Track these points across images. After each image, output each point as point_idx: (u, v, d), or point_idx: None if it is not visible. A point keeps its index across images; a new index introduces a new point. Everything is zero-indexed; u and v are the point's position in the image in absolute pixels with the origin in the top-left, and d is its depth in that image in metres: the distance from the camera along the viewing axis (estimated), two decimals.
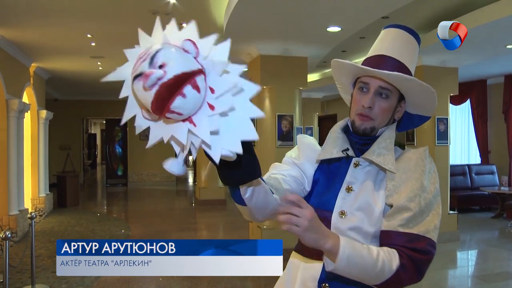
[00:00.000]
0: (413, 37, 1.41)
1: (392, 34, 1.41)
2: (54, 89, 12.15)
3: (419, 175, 1.28)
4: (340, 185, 1.37)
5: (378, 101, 1.34)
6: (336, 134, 1.44)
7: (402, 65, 1.35)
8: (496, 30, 4.94)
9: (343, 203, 1.34)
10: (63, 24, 5.77)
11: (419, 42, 1.43)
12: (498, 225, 8.27)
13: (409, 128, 1.51)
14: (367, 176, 1.36)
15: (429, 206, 1.26)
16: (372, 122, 1.35)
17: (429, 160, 1.33)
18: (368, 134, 1.36)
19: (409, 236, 1.22)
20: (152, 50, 0.86)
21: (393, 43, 1.39)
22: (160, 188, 14.35)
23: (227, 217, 9.43)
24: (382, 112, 1.35)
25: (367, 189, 1.33)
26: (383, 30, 1.46)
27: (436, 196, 1.29)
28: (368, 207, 1.30)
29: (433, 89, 1.33)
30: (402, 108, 1.41)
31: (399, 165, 1.31)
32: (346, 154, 1.38)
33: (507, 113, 9.26)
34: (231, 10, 4.36)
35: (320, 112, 12.61)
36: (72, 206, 10.35)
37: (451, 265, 6.06)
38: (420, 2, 4.46)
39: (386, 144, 1.34)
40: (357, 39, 6.23)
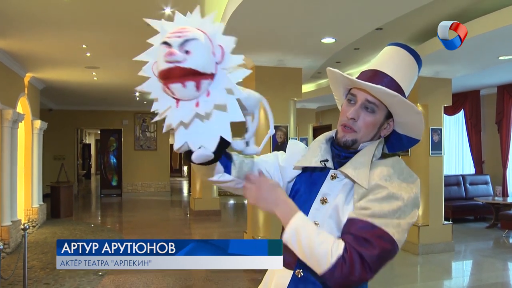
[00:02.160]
0: (414, 59, 1.40)
1: (392, 52, 1.42)
2: (48, 99, 12.12)
3: (383, 184, 1.25)
4: (315, 195, 1.38)
5: (363, 115, 1.34)
6: (319, 144, 1.44)
7: (394, 82, 1.35)
8: (489, 41, 4.99)
9: (316, 214, 1.35)
10: (58, 35, 5.78)
11: (419, 64, 1.42)
12: (493, 235, 8.28)
13: (400, 149, 1.48)
14: (342, 189, 1.35)
15: (397, 212, 1.22)
16: (354, 135, 1.35)
17: (402, 171, 1.29)
18: (349, 146, 1.36)
19: (364, 223, 1.20)
20: (189, 34, 1.01)
21: (390, 60, 1.39)
22: (155, 198, 14.29)
23: (222, 228, 9.41)
24: (366, 125, 1.34)
25: (340, 202, 1.32)
26: (385, 47, 1.46)
27: (411, 205, 1.25)
28: (338, 218, 1.30)
29: (418, 110, 1.32)
30: (390, 126, 1.40)
31: (370, 177, 1.28)
32: (324, 165, 1.38)
33: (500, 124, 9.32)
34: (226, 21, 4.38)
35: (315, 123, 12.63)
36: (65, 217, 10.28)
37: (446, 275, 6.05)
38: (414, 14, 4.50)
39: (364, 159, 1.32)
40: (352, 50, 6.27)
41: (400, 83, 1.35)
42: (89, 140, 24.83)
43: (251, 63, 6.00)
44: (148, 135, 15.48)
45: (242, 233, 6.73)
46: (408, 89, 1.39)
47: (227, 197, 14.30)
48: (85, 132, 22.22)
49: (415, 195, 1.26)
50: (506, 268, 6.41)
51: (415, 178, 1.31)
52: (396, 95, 1.28)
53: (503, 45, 5.21)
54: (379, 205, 1.21)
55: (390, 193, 1.23)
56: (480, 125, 9.95)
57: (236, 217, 11.22)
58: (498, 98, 9.36)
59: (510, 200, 8.79)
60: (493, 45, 5.20)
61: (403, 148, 1.47)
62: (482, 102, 9.96)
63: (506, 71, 7.58)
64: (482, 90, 9.82)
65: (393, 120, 1.39)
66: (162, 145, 15.65)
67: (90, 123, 15.39)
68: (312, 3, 3.82)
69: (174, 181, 20.07)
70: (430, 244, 6.74)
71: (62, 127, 14.16)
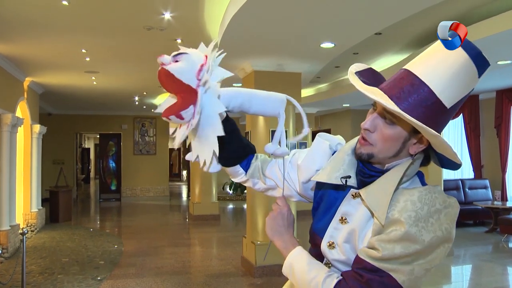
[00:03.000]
0: (474, 64, 1.06)
1: (437, 50, 1.07)
2: (48, 103, 12.13)
3: (404, 221, 1.05)
4: (335, 212, 1.25)
5: (381, 126, 1.12)
6: (344, 156, 1.25)
7: (433, 97, 1.05)
8: (487, 46, 5.00)
9: (333, 234, 1.22)
10: (57, 39, 5.79)
11: (480, 63, 1.07)
12: (492, 239, 8.28)
13: (449, 168, 1.18)
14: (364, 211, 1.18)
15: (410, 256, 1.05)
16: (370, 148, 1.15)
17: (434, 203, 1.08)
18: (366, 160, 1.18)
19: (371, 267, 1.07)
20: (186, 50, 1.18)
21: (438, 63, 1.06)
22: (154, 203, 14.27)
23: (221, 232, 9.39)
24: (383, 139, 1.12)
25: (358, 226, 1.18)
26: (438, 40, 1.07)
27: (433, 246, 1.07)
28: (354, 244, 1.18)
29: (433, 132, 1.03)
30: (424, 143, 1.12)
31: (389, 209, 1.10)
32: (345, 182, 1.21)
33: (499, 128, 9.33)
34: (225, 26, 4.39)
35: (314, 127, 12.66)
36: (64, 221, 10.26)
37: (446, 280, 6.04)
38: (413, 19, 4.51)
39: (388, 186, 1.12)
40: (351, 55, 6.28)
41: (441, 98, 1.05)
42: (88, 145, 24.83)
43: (250, 67, 6.01)
44: (147, 139, 15.48)
45: (241, 238, 6.72)
46: (452, 100, 1.07)
47: (226, 201, 14.29)
48: (84, 136, 22.22)
49: (444, 232, 1.07)
50: (505, 272, 6.40)
51: (451, 207, 1.10)
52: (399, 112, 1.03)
53: (501, 50, 5.23)
54: (391, 247, 1.05)
55: (407, 234, 1.04)
56: (479, 129, 9.97)
57: (235, 221, 11.20)
58: (496, 102, 9.38)
59: (509, 205, 8.77)
60: (492, 50, 5.22)
61: (452, 167, 1.17)
62: (481, 106, 9.98)
63: (505, 76, 7.60)
64: (481, 94, 9.84)
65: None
66: (161, 149, 15.65)
67: (89, 128, 15.39)
68: (311, 8, 3.84)
69: (173, 185, 20.04)
70: None
71: (61, 132, 14.17)
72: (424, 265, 1.06)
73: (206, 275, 5.91)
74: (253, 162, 1.46)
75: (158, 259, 6.76)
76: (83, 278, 5.68)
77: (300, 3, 3.72)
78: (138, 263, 6.49)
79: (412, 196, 1.08)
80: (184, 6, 4.58)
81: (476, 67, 1.06)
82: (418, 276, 1.06)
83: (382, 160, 1.16)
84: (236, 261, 6.59)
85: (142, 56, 6.54)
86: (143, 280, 5.67)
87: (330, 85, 9.20)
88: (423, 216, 1.06)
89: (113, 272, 6.03)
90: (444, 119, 1.10)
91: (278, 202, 1.38)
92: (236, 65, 6.07)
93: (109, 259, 6.72)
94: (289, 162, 1.43)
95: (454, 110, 1.09)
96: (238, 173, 1.45)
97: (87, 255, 7.00)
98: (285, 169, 1.41)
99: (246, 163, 1.45)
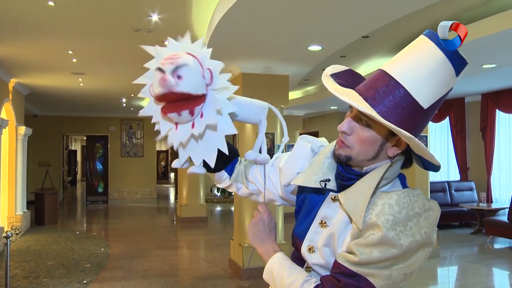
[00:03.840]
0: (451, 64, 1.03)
1: (421, 50, 1.05)
2: (33, 105, 12.00)
3: (381, 225, 1.04)
4: (315, 216, 1.24)
5: (358, 128, 1.11)
6: (323, 158, 1.24)
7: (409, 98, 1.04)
8: (473, 50, 5.06)
9: (313, 237, 1.21)
10: (44, 40, 5.73)
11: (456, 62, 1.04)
12: (477, 241, 8.36)
13: (431, 169, 1.17)
14: (343, 215, 1.16)
15: (388, 261, 1.04)
16: (348, 151, 1.14)
17: (412, 206, 1.06)
18: (344, 162, 1.16)
19: (349, 272, 1.06)
20: (180, 60, 1.10)
21: (413, 62, 1.05)
22: (141, 205, 14.18)
23: (208, 235, 9.36)
24: (360, 142, 1.11)
25: (337, 229, 1.16)
26: (418, 37, 1.09)
27: (412, 251, 1.05)
28: (333, 248, 1.17)
29: (406, 134, 1.01)
30: (401, 143, 1.10)
31: (366, 212, 1.09)
32: (324, 186, 1.20)
33: (485, 131, 9.45)
34: (213, 28, 4.38)
35: (302, 130, 12.68)
36: (50, 224, 10.14)
37: (432, 281, 6.09)
38: (400, 23, 4.55)
39: (366, 190, 1.10)
40: (338, 57, 6.31)
41: (417, 99, 1.04)
42: (75, 147, 24.62)
43: (237, 70, 6.00)
44: (134, 141, 15.39)
45: (228, 240, 6.70)
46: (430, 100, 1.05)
47: (214, 204, 14.25)
48: (71, 138, 22.03)
49: (423, 236, 1.05)
50: (490, 273, 6.46)
51: (431, 210, 1.08)
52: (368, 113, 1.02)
53: (486, 53, 5.29)
54: (368, 251, 1.03)
55: (384, 238, 1.02)
56: (465, 132, 10.08)
57: (223, 223, 11.17)
58: (482, 105, 9.49)
59: (494, 206, 8.90)
60: (477, 54, 5.28)
61: (433, 168, 1.16)
62: (466, 109, 10.10)
63: (490, 79, 7.70)
64: (466, 97, 9.96)
65: None
66: (148, 151, 15.56)
67: (76, 129, 15.26)
68: (299, 11, 3.85)
69: (161, 187, 19.94)
70: None
71: (47, 133, 14.02)
72: (402, 270, 1.05)
73: (194, 278, 5.88)
74: (237, 167, 1.45)
75: (145, 262, 6.71)
76: (69, 282, 5.62)
77: (287, 6, 3.72)
78: (125, 266, 6.44)
79: (390, 200, 1.07)
80: (171, 8, 4.57)
81: (453, 66, 1.04)
82: (397, 281, 1.05)
83: (361, 163, 1.15)
84: (223, 263, 6.58)
85: (130, 58, 6.50)
86: (130, 283, 5.62)
87: (318, 88, 9.24)
88: (401, 220, 1.04)
89: (100, 275, 5.98)
90: (422, 120, 1.08)
91: (259, 208, 1.38)
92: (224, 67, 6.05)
93: (96, 262, 6.66)
94: (272, 165, 1.42)
95: (432, 110, 1.08)
96: (223, 178, 1.44)
97: (73, 258, 6.93)
98: (266, 176, 1.41)
99: (230, 168, 1.44)
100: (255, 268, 5.70)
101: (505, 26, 4.33)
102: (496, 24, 4.38)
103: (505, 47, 4.99)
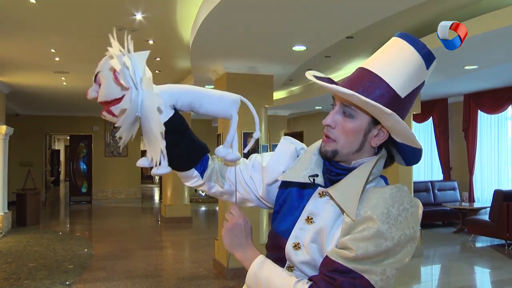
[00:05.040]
0: (417, 51, 1.14)
1: (396, 48, 1.16)
2: (15, 103, 11.80)
3: (376, 218, 1.07)
4: (301, 212, 1.24)
5: (341, 121, 1.15)
6: (310, 155, 1.26)
7: (391, 91, 1.12)
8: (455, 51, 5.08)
9: (299, 234, 1.21)
10: (25, 38, 5.65)
11: (426, 57, 1.15)
12: (460, 239, 8.47)
13: (413, 161, 1.24)
14: (331, 211, 1.18)
15: (382, 254, 1.06)
16: (334, 145, 1.17)
17: (402, 201, 1.10)
18: (331, 158, 1.18)
19: (346, 269, 1.06)
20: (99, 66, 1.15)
21: (391, 59, 1.15)
22: (126, 205, 14.08)
23: (193, 235, 9.33)
24: (345, 133, 1.15)
25: (326, 225, 1.17)
26: (391, 39, 1.20)
27: (402, 244, 1.08)
28: (321, 244, 1.17)
29: (387, 110, 1.07)
30: (384, 133, 1.16)
31: (358, 206, 1.11)
32: (312, 181, 1.22)
33: (467, 131, 9.57)
34: (197, 27, 4.36)
35: (287, 130, 12.71)
36: (32, 225, 10.00)
37: (415, 280, 6.15)
38: (384, 23, 4.58)
39: (356, 182, 1.14)
40: (323, 58, 6.35)
41: (397, 91, 1.13)
42: (58, 146, 24.34)
43: (222, 70, 5.99)
44: (118, 141, 15.21)
45: (213, 240, 6.68)
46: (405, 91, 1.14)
47: (199, 204, 14.21)
48: (54, 138, 21.76)
49: (411, 231, 1.09)
50: (472, 271, 6.56)
51: (416, 206, 1.13)
52: (352, 94, 1.08)
53: (468, 55, 5.36)
54: (364, 246, 1.05)
55: (379, 231, 1.05)
56: (448, 132, 10.20)
57: (207, 223, 11.15)
58: (464, 106, 9.62)
59: (476, 206, 9.02)
60: (459, 55, 5.34)
61: (415, 159, 1.23)
62: (449, 110, 10.22)
63: (472, 80, 7.80)
64: (449, 98, 10.07)
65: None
66: (133, 151, 15.43)
67: (59, 129, 15.09)
68: (283, 11, 3.85)
69: (145, 187, 19.81)
70: None
71: (29, 133, 13.82)
72: (394, 264, 1.07)
73: (178, 278, 5.85)
74: (210, 165, 1.38)
75: (129, 263, 6.66)
76: (51, 283, 5.54)
77: (272, 6, 3.72)
78: (108, 267, 6.38)
79: (385, 194, 1.10)
80: (156, 7, 4.54)
81: (424, 61, 1.14)
82: (390, 276, 1.07)
83: (347, 157, 1.18)
84: (208, 264, 6.55)
85: None
86: (114, 284, 5.57)
87: (303, 88, 9.26)
88: (393, 214, 1.08)
89: (83, 276, 5.91)
90: (400, 109, 1.14)
91: (232, 212, 1.30)
92: (208, 67, 6.04)
93: (79, 263, 6.58)
94: (252, 166, 1.39)
95: (408, 100, 1.16)
96: (193, 176, 1.36)
97: (56, 259, 6.84)
98: (237, 176, 1.38)
99: (201, 165, 1.36)
100: (239, 268, 5.67)
101: (487, 28, 4.38)
102: (478, 26, 4.43)
103: (487, 48, 5.06)
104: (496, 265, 6.62)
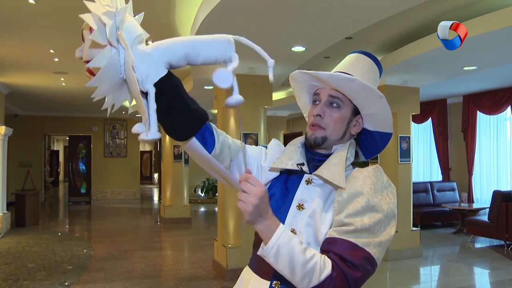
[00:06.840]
0: (376, 65, 1.41)
1: (355, 58, 1.41)
2: (14, 104, 11.79)
3: (366, 193, 1.20)
4: (291, 201, 1.33)
5: (329, 111, 1.32)
6: (295, 148, 1.39)
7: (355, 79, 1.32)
8: (454, 52, 5.11)
9: (293, 221, 1.29)
10: (25, 38, 5.64)
11: (380, 68, 1.43)
12: (459, 240, 8.47)
13: (376, 151, 1.44)
14: (319, 195, 1.29)
15: (377, 225, 1.19)
16: (323, 131, 1.32)
17: (383, 180, 1.26)
18: (319, 145, 1.32)
19: (348, 244, 1.15)
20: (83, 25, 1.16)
21: (354, 64, 1.38)
22: (125, 206, 14.07)
23: (192, 235, 9.32)
24: (333, 121, 1.32)
25: (317, 208, 1.27)
26: (348, 55, 1.45)
27: (390, 217, 1.22)
28: (316, 226, 1.24)
29: (380, 93, 1.29)
30: (360, 124, 1.37)
31: (347, 185, 1.23)
32: (300, 168, 1.33)
33: (466, 132, 9.58)
34: (196, 28, 4.36)
35: (286, 130, 12.70)
36: (31, 226, 10.00)
37: (415, 281, 6.15)
38: (383, 24, 4.58)
39: (337, 160, 1.28)
40: (322, 58, 6.34)
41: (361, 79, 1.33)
42: (58, 147, 24.32)
43: None
44: (118, 141, 15.24)
45: (212, 241, 6.68)
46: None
47: (198, 204, 14.21)
48: (53, 138, 21.75)
49: (392, 206, 1.23)
50: (471, 272, 6.55)
51: (393, 187, 1.29)
52: (355, 78, 1.26)
53: (467, 56, 5.36)
54: (360, 219, 1.17)
55: (370, 204, 1.19)
56: (447, 133, 10.20)
57: (207, 224, 11.14)
58: (463, 107, 9.63)
59: (475, 206, 9.03)
60: (458, 56, 5.34)
61: (378, 148, 1.43)
62: (449, 110, 10.23)
63: (471, 81, 7.81)
64: (448, 99, 10.08)
65: (361, 117, 1.36)
66: (132, 152, 15.43)
67: (58, 129, 15.06)
68: (282, 12, 3.85)
69: (145, 188, 19.81)
70: (399, 250, 6.83)
71: (28, 133, 13.81)
72: (385, 236, 1.20)
73: (177, 279, 5.85)
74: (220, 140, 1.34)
75: (128, 263, 6.65)
76: (50, 284, 5.54)
77: (271, 7, 3.72)
78: (107, 268, 6.38)
79: (369, 173, 1.26)
80: (155, 6, 4.53)
81: (378, 69, 1.42)
82: (384, 248, 1.20)
83: (332, 143, 1.34)
84: (207, 264, 6.55)
85: None
86: (113, 284, 5.57)
87: None
88: (378, 189, 1.23)
89: (82, 277, 5.91)
90: None
91: (250, 182, 1.12)
92: (207, 68, 6.03)
93: (78, 264, 6.58)
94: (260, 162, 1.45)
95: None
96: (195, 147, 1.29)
97: (55, 260, 6.84)
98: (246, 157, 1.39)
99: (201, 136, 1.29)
100: (238, 268, 5.68)
101: (486, 29, 4.38)
102: (478, 26, 4.43)
103: (486, 49, 5.06)
104: (495, 266, 6.62)
